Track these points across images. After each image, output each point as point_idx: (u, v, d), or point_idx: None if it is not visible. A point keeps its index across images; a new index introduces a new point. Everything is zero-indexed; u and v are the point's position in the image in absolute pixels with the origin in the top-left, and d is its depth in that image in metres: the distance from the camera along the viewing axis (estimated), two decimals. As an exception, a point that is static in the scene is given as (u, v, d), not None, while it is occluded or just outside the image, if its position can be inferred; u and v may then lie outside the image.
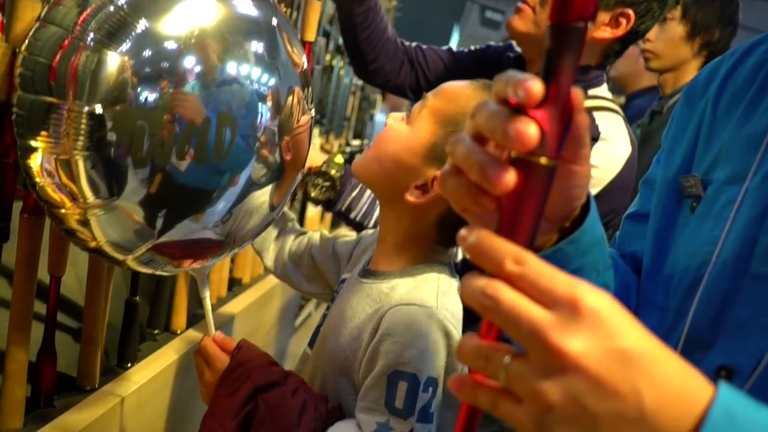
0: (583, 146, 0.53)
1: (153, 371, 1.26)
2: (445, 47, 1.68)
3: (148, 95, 0.81)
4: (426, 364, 0.93)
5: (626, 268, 0.83)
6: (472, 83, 1.04)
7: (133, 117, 0.80)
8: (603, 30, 1.35)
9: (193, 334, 1.49)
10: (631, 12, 1.34)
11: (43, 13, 0.83)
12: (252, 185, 0.93)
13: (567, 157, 0.53)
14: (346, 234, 1.37)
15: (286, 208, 1.53)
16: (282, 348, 2.42)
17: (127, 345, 1.26)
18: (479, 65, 1.58)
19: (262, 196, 0.96)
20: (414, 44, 1.69)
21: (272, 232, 1.37)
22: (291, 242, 1.39)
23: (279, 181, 0.97)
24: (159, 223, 0.87)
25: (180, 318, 1.49)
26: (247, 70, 0.88)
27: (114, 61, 0.79)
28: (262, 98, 0.90)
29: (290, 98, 0.94)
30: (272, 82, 0.91)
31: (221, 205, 0.91)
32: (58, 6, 0.83)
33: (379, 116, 4.29)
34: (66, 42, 0.80)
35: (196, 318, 1.54)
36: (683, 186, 0.76)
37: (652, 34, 2.11)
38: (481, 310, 0.44)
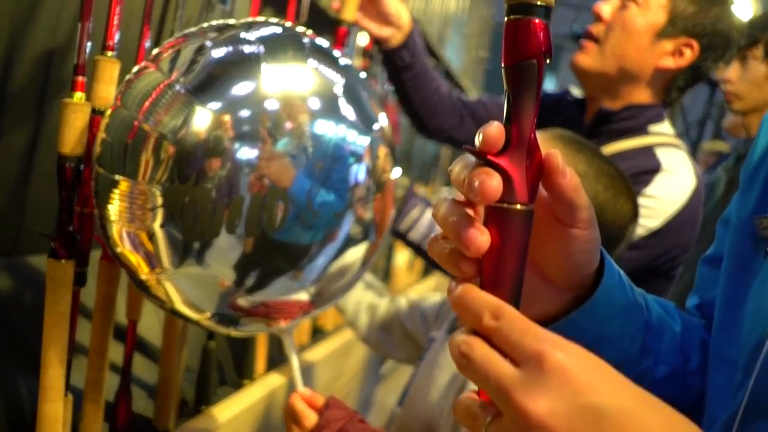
0: (578, 208, 0.50)
1: (229, 414, 1.29)
2: None
3: (230, 166, 0.82)
4: None
5: (694, 323, 0.78)
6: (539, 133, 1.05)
7: (207, 192, 0.82)
8: (666, 59, 1.34)
9: (271, 378, 1.52)
10: (695, 43, 1.33)
11: (119, 93, 0.87)
12: (349, 242, 0.94)
13: (564, 221, 0.51)
14: (433, 294, 1.39)
15: (376, 280, 1.56)
16: (367, 397, 2.42)
17: (204, 388, 1.30)
18: (539, 113, 1.59)
19: (356, 253, 0.97)
20: (476, 99, 1.71)
21: (363, 302, 1.40)
22: (381, 311, 1.43)
23: (370, 239, 0.99)
24: (250, 282, 0.89)
25: (259, 363, 1.53)
26: (334, 129, 0.89)
27: (178, 140, 0.81)
28: (354, 156, 0.91)
29: (378, 156, 0.96)
30: (360, 140, 0.93)
31: (320, 261, 0.93)
32: (129, 89, 0.86)
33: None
34: (135, 124, 0.82)
35: (273, 363, 1.57)
36: (757, 227, 0.69)
37: (733, 75, 2.05)
38: (458, 367, 0.43)
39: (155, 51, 0.89)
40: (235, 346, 1.49)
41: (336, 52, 0.98)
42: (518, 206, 0.44)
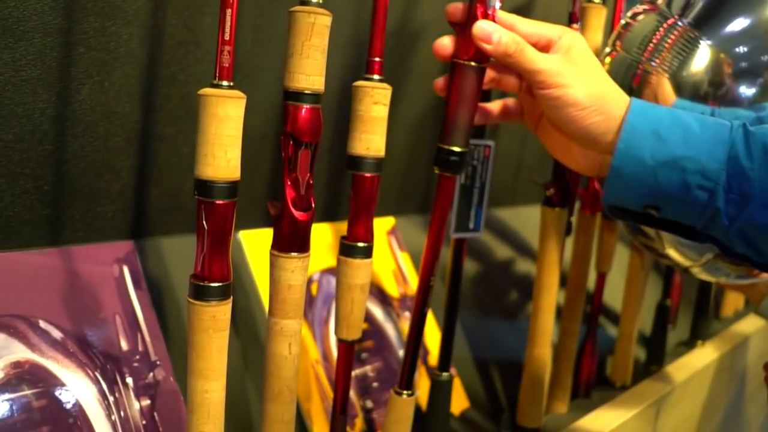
0: (525, 70, 0.60)
1: (686, 374, 1.23)
2: None
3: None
4: None
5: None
6: None
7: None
8: None
9: (723, 340, 1.43)
10: None
11: (616, 38, 0.85)
12: None
13: (529, 84, 0.62)
14: None
15: None
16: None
17: (658, 348, 1.26)
18: None
19: None
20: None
21: None
22: None
23: None
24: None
25: (712, 323, 1.46)
26: None
27: (681, 80, 0.78)
28: None
29: None
30: None
31: None
32: (628, 32, 0.84)
33: None
34: (639, 68, 0.80)
35: (722, 325, 1.48)
36: None
37: None
38: None
39: None
40: (685, 306, 1.43)
41: None
42: (462, 61, 0.59)
